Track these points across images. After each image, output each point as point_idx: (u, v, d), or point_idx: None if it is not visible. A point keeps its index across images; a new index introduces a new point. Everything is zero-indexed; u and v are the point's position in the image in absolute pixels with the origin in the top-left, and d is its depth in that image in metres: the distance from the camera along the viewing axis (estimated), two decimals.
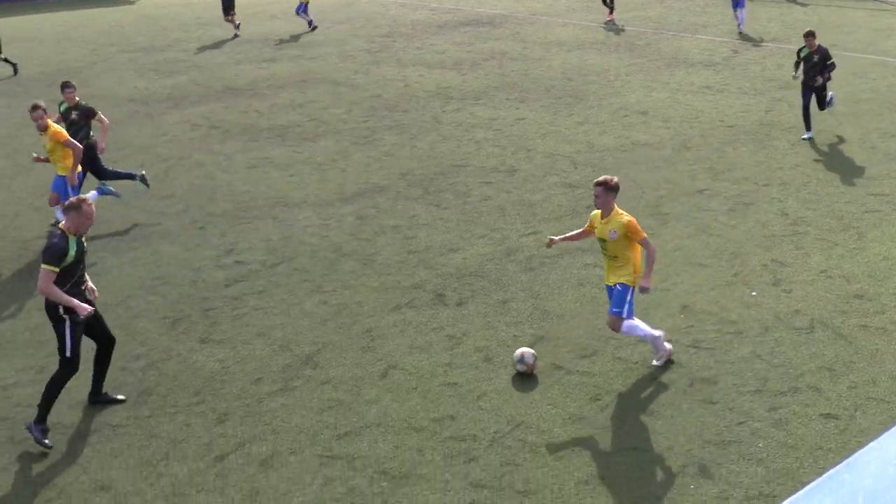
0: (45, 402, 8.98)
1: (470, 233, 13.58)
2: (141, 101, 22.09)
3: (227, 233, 14.01)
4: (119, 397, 9.72)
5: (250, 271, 12.65)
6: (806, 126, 17.21)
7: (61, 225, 9.01)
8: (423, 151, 17.42)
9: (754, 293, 11.31)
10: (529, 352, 9.79)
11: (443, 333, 10.75)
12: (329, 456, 8.63)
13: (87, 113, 14.76)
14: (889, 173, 15.32)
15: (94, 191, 14.58)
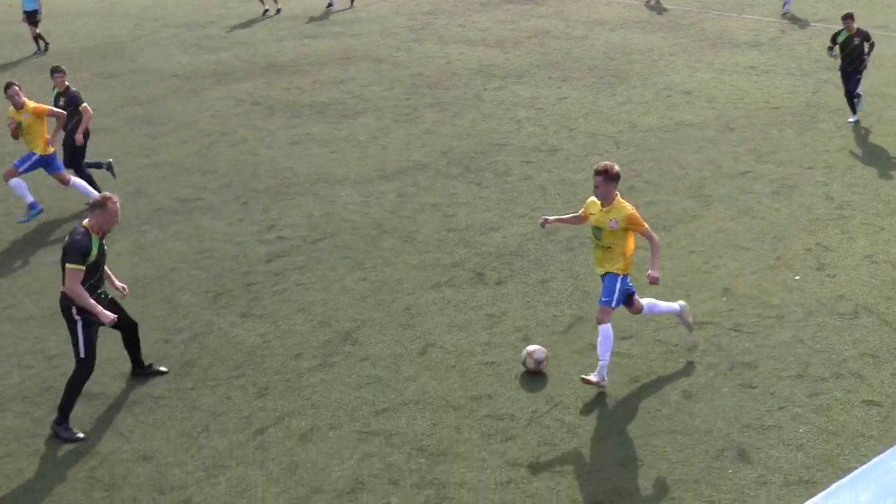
0: (66, 404, 8.85)
1: (510, 212, 13.56)
2: (184, 77, 22.23)
3: (270, 208, 14.10)
4: (161, 369, 9.84)
5: (292, 247, 12.74)
6: (851, 109, 16.92)
7: (85, 223, 8.76)
8: (464, 130, 17.39)
9: (797, 277, 11.19)
10: (540, 350, 9.44)
11: (482, 312, 10.76)
12: (367, 432, 8.69)
13: (75, 100, 14.49)
14: None
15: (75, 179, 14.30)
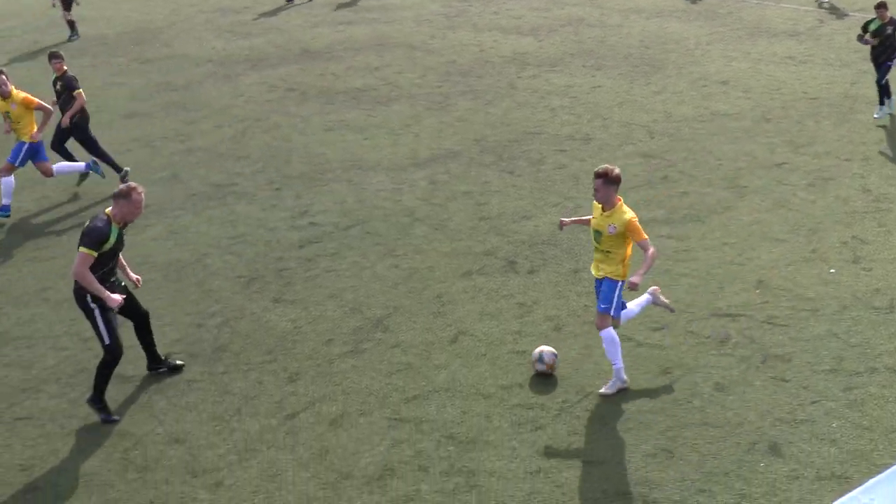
0: (98, 388, 8.92)
1: (543, 201, 13.52)
2: (219, 62, 22.34)
3: (303, 194, 14.16)
4: (178, 362, 9.71)
5: (324, 233, 12.78)
6: (880, 100, 16.58)
7: (107, 210, 8.78)
8: (497, 118, 17.34)
9: (833, 270, 11.07)
10: (549, 350, 9.30)
11: (513, 301, 10.75)
12: (397, 419, 8.73)
13: (70, 85, 14.49)
14: None
15: (84, 164, 14.58)
